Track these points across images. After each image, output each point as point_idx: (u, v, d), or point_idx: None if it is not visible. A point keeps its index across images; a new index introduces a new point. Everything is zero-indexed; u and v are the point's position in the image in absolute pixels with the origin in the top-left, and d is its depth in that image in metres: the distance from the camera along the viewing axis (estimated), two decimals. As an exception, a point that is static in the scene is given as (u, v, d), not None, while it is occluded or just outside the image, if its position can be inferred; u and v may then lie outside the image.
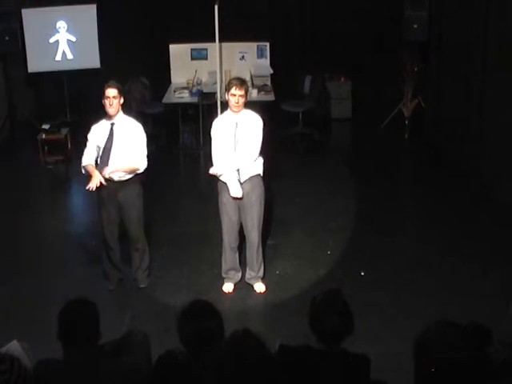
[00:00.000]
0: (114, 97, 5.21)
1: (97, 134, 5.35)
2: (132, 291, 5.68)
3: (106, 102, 5.23)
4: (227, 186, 5.36)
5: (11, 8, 9.40)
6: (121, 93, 5.29)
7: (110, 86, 5.23)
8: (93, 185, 5.22)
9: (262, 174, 5.43)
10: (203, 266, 5.98)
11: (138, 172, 5.39)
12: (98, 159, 5.37)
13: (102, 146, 5.31)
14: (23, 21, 9.52)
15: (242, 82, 5.27)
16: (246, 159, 5.28)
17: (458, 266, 5.86)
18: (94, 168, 5.31)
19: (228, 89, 5.28)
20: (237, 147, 5.26)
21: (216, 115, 7.39)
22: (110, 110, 5.24)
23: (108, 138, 5.29)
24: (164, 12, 10.08)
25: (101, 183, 5.22)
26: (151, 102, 9.73)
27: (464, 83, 8.23)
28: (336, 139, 10.33)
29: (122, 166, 5.30)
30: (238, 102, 5.21)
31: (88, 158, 5.38)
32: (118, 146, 5.30)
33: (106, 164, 5.30)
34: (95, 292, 5.26)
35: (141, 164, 5.35)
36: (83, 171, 5.43)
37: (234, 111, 5.27)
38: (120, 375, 2.94)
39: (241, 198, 5.32)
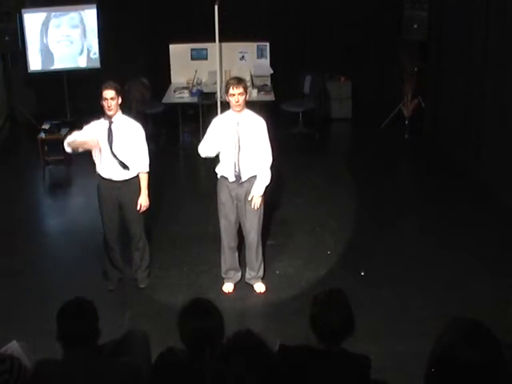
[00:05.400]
0: (111, 98, 5.20)
1: (95, 132, 5.31)
2: (132, 291, 5.68)
3: (104, 103, 5.22)
4: (226, 186, 5.37)
5: (11, 8, 9.40)
6: (118, 93, 5.28)
7: (106, 88, 5.22)
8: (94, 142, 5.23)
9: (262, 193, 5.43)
10: (203, 266, 5.98)
11: (146, 171, 5.42)
12: (97, 158, 5.37)
13: (103, 145, 5.29)
14: (24, 21, 9.53)
15: (238, 81, 5.27)
16: (266, 167, 5.33)
17: (458, 265, 5.86)
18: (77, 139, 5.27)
19: (226, 90, 5.27)
20: (241, 146, 5.26)
21: (216, 115, 7.38)
22: (109, 112, 5.24)
23: (107, 138, 5.29)
24: (164, 12, 10.08)
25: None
26: (151, 102, 9.72)
27: (464, 83, 8.23)
28: (336, 139, 10.32)
29: (144, 188, 5.39)
30: (238, 101, 5.20)
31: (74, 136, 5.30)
32: (117, 145, 5.30)
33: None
34: (95, 292, 5.25)
35: (145, 165, 5.40)
36: (68, 149, 5.35)
37: (236, 111, 5.26)
38: (120, 375, 2.94)
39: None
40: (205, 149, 5.39)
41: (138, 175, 5.43)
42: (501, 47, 7.15)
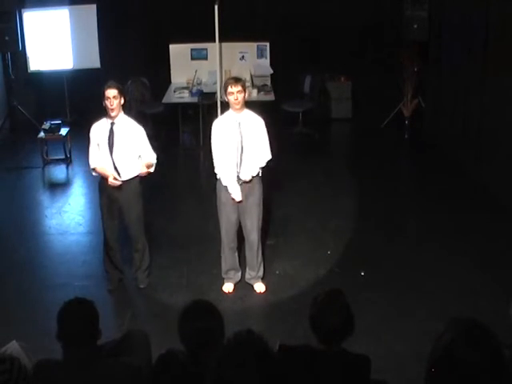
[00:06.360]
0: (114, 97, 5.19)
1: (97, 133, 5.35)
2: (132, 291, 5.68)
3: (107, 102, 5.21)
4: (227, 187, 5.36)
5: (11, 8, 9.40)
6: (121, 93, 5.28)
7: (109, 87, 5.21)
8: (114, 181, 5.26)
9: (260, 174, 5.43)
10: (203, 266, 5.98)
11: (152, 167, 5.43)
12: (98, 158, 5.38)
13: (103, 145, 5.30)
14: (24, 21, 9.54)
15: (236, 80, 5.27)
16: (262, 161, 5.34)
17: (458, 265, 5.86)
18: (103, 167, 5.33)
19: (225, 89, 5.27)
20: (243, 146, 5.26)
21: (216, 115, 7.39)
22: (111, 111, 5.22)
23: (109, 138, 5.29)
24: (164, 12, 10.09)
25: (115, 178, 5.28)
26: (151, 102, 9.73)
27: (464, 83, 8.23)
28: (336, 139, 10.33)
29: (148, 162, 5.37)
30: (237, 99, 5.19)
31: (95, 160, 5.38)
32: (119, 145, 5.30)
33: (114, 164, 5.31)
34: (95, 292, 5.27)
35: (154, 158, 5.44)
36: (93, 173, 5.46)
37: (235, 109, 5.25)
38: (119, 375, 2.94)
39: (241, 201, 5.33)
40: (220, 160, 5.32)
41: (137, 176, 5.43)
42: (501, 47, 7.15)
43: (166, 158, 8.80)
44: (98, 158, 5.36)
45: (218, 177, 5.43)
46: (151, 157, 5.43)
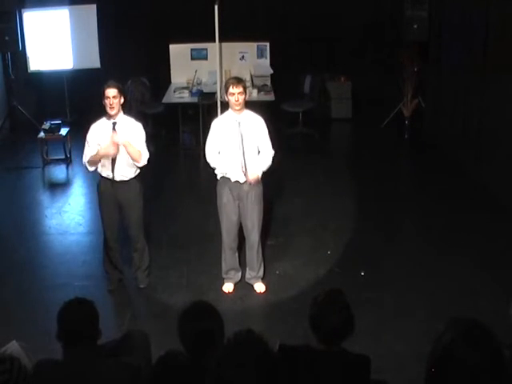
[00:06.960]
0: (113, 96, 5.19)
1: (98, 134, 5.32)
2: (132, 291, 5.67)
3: (106, 102, 5.21)
4: (227, 186, 5.36)
5: (11, 8, 9.41)
6: (121, 92, 5.28)
7: (109, 86, 5.22)
8: (115, 145, 5.19)
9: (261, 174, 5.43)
10: (203, 266, 5.98)
11: (137, 165, 5.33)
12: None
13: (105, 145, 5.29)
14: (24, 21, 9.54)
15: (238, 80, 5.28)
16: (268, 159, 5.33)
17: (458, 265, 5.86)
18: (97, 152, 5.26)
19: (226, 89, 5.28)
20: (244, 146, 5.25)
21: (216, 115, 7.39)
22: (111, 110, 5.22)
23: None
24: (164, 12, 10.09)
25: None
26: (151, 102, 9.73)
27: (464, 83, 8.23)
28: (336, 139, 10.34)
29: (132, 145, 5.23)
30: (238, 100, 5.20)
31: (89, 156, 5.35)
32: (121, 145, 5.28)
33: (112, 163, 5.30)
34: (95, 292, 5.27)
35: (142, 159, 5.32)
36: (88, 168, 5.38)
37: (235, 110, 5.26)
38: (119, 375, 2.94)
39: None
40: (213, 156, 5.33)
41: (137, 176, 5.42)
42: (501, 47, 7.15)
43: (166, 158, 8.85)
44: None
45: (218, 177, 5.43)
46: (142, 157, 5.34)
